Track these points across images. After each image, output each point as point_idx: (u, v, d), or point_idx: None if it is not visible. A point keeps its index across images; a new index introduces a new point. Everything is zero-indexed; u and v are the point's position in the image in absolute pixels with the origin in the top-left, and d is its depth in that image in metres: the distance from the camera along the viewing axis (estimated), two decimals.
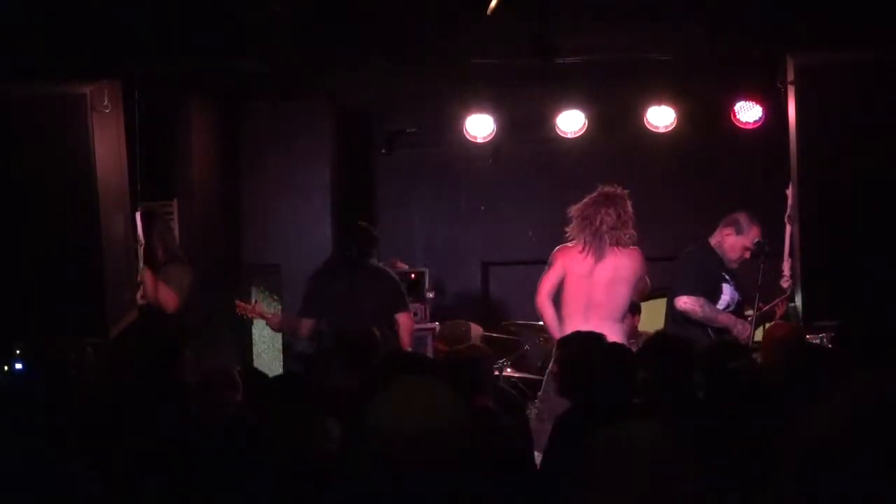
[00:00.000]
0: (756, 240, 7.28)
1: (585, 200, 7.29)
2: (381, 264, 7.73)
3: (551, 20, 6.83)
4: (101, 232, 5.99)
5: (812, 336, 6.74)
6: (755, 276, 7.15)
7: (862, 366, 4.48)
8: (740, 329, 7.16)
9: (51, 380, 5.21)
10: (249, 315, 8.12)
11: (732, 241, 7.34)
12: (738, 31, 6.65)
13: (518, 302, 7.62)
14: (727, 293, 7.32)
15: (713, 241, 7.40)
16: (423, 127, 9.49)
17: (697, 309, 7.18)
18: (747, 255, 7.34)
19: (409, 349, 7.25)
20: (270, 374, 6.00)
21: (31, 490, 2.75)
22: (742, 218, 7.35)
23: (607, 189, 7.29)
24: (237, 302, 8.13)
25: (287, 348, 9.25)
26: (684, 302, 7.19)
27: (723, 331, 7.15)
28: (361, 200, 9.82)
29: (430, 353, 7.96)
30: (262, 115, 9.26)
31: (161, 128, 7.80)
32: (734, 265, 7.38)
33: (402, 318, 7.50)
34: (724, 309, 7.27)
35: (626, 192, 7.27)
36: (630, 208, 7.25)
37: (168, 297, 6.96)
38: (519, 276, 7.51)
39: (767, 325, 7.07)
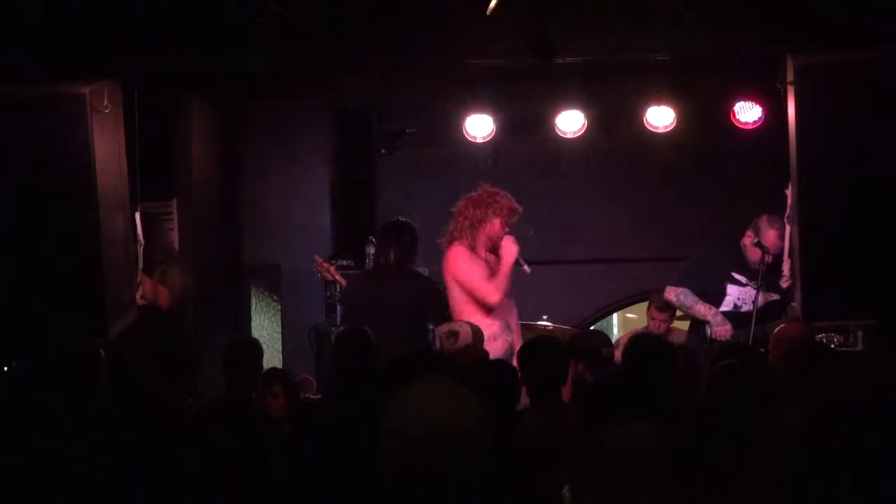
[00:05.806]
0: (765, 243, 7.21)
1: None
2: (421, 270, 7.40)
3: (551, 20, 6.82)
4: (101, 232, 5.99)
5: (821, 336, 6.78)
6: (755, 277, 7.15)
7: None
8: (718, 321, 7.24)
9: (49, 380, 5.20)
10: (324, 272, 7.86)
11: (751, 244, 7.31)
12: (738, 31, 6.64)
13: (518, 302, 7.60)
14: (733, 293, 7.33)
15: (742, 241, 7.37)
16: (423, 127, 9.48)
17: (673, 298, 7.47)
18: (768, 259, 7.18)
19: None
20: None
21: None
22: (762, 222, 7.26)
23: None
24: (316, 256, 8.01)
25: (286, 349, 9.23)
26: (666, 292, 7.51)
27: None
28: (361, 200, 9.81)
29: None
30: (262, 115, 9.26)
31: (161, 128, 7.79)
32: (759, 266, 7.23)
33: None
34: (731, 309, 7.30)
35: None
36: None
37: (162, 297, 6.98)
38: (519, 275, 7.48)
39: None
